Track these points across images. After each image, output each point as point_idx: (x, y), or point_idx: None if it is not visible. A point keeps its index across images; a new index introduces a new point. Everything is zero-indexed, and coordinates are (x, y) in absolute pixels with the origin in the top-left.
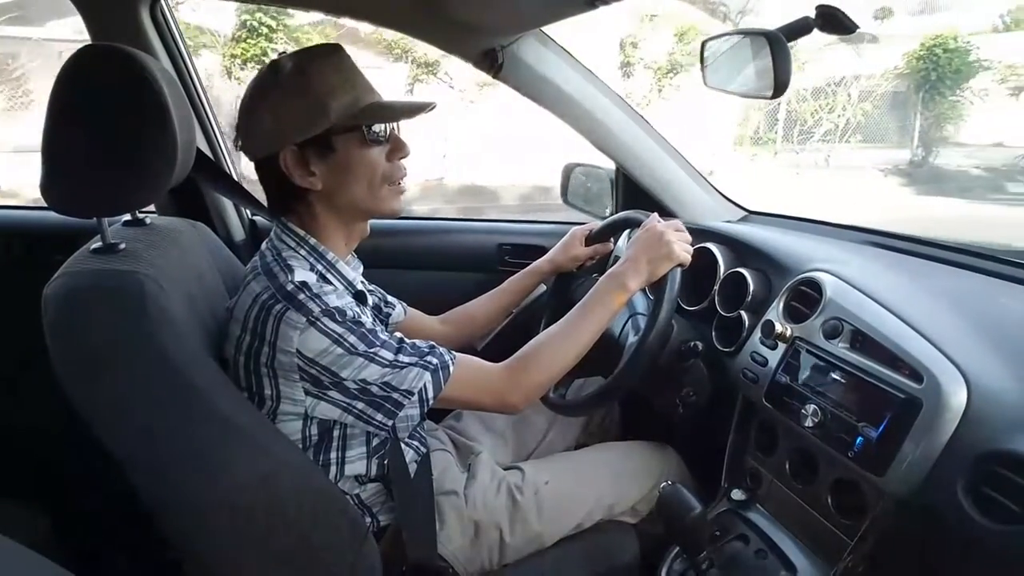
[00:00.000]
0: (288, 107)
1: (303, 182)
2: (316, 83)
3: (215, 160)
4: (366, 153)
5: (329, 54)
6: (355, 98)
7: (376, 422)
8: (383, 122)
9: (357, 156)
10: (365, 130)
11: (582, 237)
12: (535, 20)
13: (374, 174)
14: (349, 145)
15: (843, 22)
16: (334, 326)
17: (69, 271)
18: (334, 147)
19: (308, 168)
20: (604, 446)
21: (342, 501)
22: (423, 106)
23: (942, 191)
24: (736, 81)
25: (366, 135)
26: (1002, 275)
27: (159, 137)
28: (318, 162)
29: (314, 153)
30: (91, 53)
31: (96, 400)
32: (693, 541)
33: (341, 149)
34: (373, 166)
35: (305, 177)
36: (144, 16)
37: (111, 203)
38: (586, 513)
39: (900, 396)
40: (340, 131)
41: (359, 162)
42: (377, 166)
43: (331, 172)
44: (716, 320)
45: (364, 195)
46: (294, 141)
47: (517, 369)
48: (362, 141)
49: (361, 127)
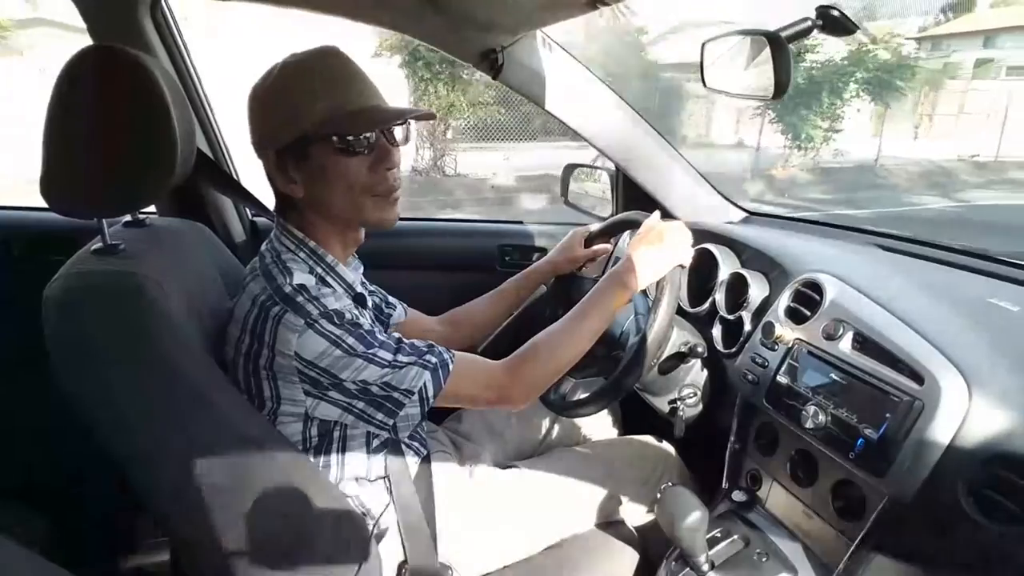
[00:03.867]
0: (268, 112)
1: (285, 188)
2: (296, 88)
3: (215, 160)
4: (343, 162)
5: (320, 59)
6: (335, 105)
7: (377, 421)
8: (357, 132)
9: (332, 164)
10: (336, 138)
11: (582, 238)
12: (535, 20)
13: (352, 184)
14: (325, 154)
15: (843, 23)
16: (332, 328)
17: (69, 272)
18: (308, 155)
19: (288, 175)
20: (604, 447)
21: (342, 502)
22: (408, 112)
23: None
24: (736, 82)
25: (339, 144)
26: (1002, 275)
27: (159, 138)
28: (296, 170)
29: (292, 160)
30: (91, 53)
31: (96, 400)
32: (693, 542)
33: (316, 157)
34: (350, 176)
35: (286, 184)
36: (144, 16)
37: (111, 204)
38: (586, 514)
39: (901, 398)
40: (316, 139)
41: (335, 171)
42: (354, 176)
43: (310, 180)
44: (717, 321)
45: (344, 205)
46: (271, 147)
47: (517, 366)
48: (338, 150)
49: (335, 136)
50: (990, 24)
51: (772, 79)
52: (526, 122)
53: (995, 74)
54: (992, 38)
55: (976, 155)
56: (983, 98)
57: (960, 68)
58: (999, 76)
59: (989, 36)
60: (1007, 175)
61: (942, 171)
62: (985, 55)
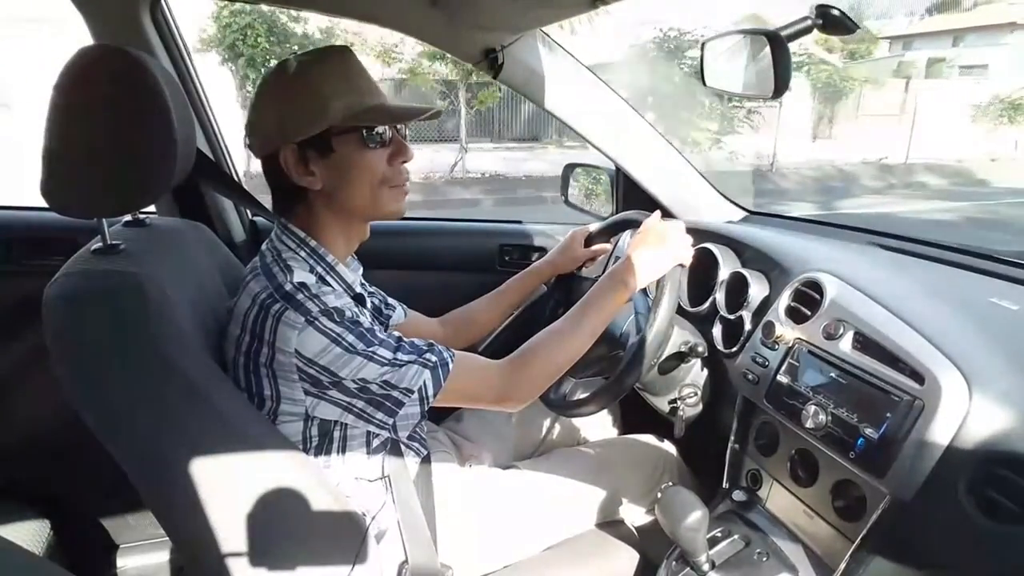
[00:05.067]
0: (290, 106)
1: (302, 181)
2: (318, 83)
3: (215, 160)
4: (365, 155)
5: (335, 56)
6: (356, 100)
7: (377, 420)
8: (382, 124)
9: (356, 157)
10: (364, 132)
11: (582, 238)
12: (535, 20)
13: (373, 176)
14: (348, 146)
15: (843, 22)
16: (332, 326)
17: (69, 272)
18: (333, 147)
19: (307, 167)
20: (604, 447)
21: (342, 502)
22: (424, 110)
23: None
24: (736, 81)
25: (365, 137)
26: (1002, 275)
27: (159, 137)
28: (317, 162)
29: (314, 153)
30: (91, 53)
31: (96, 400)
32: (693, 542)
33: (340, 150)
34: (372, 168)
35: (304, 176)
36: (144, 16)
37: (111, 204)
38: (587, 514)
39: (901, 397)
40: (339, 132)
41: (358, 163)
42: (376, 168)
43: (330, 172)
44: (717, 321)
45: (363, 197)
46: (294, 140)
47: (518, 365)
48: (361, 143)
49: (361, 129)
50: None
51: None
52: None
53: (947, 74)
54: (960, 37)
55: (884, 158)
56: (900, 98)
57: (913, 67)
58: (951, 76)
59: (958, 35)
60: (913, 178)
61: (841, 175)
62: (937, 55)
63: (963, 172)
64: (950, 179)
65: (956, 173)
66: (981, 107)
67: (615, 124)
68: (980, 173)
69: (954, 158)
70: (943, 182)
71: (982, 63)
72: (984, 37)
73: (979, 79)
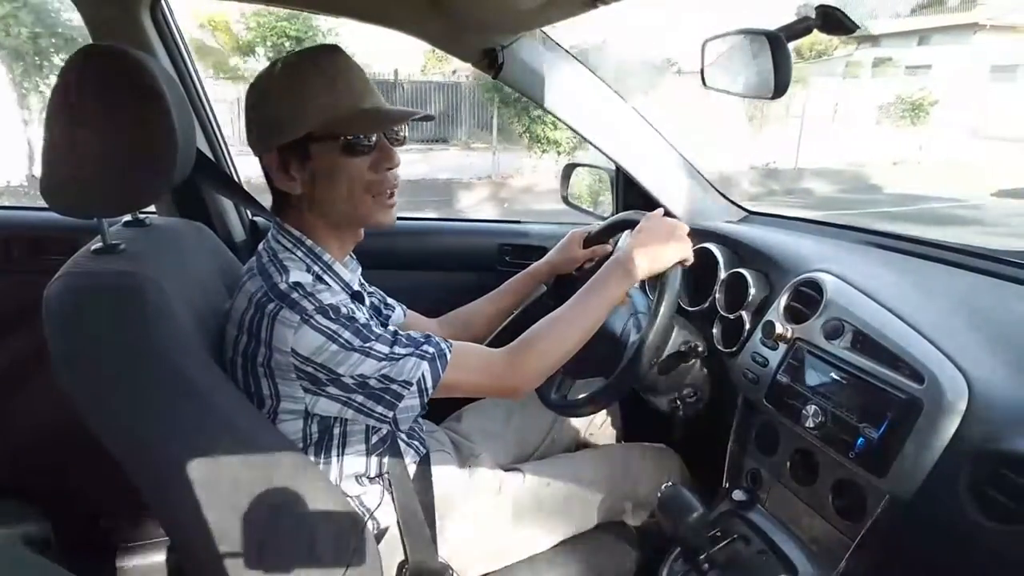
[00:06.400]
0: (269, 110)
1: (283, 186)
2: (298, 86)
3: (215, 160)
4: (345, 161)
5: (322, 56)
6: (337, 104)
7: (377, 414)
8: (361, 132)
9: (335, 164)
10: (344, 138)
11: (580, 239)
12: (535, 20)
13: (353, 183)
14: (327, 152)
15: (843, 22)
16: (328, 323)
17: (69, 272)
18: (311, 154)
19: (288, 173)
20: (605, 447)
21: (342, 502)
22: (411, 113)
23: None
24: (736, 82)
25: (344, 143)
26: (1002, 275)
27: (159, 137)
28: (298, 168)
29: (294, 158)
30: (91, 53)
31: (96, 400)
32: (694, 542)
33: (318, 156)
34: (352, 175)
35: (285, 181)
36: (144, 16)
37: (111, 204)
38: (587, 514)
39: (901, 397)
40: (318, 138)
41: (337, 170)
42: (357, 176)
43: (311, 179)
44: (717, 320)
45: (344, 205)
46: (273, 145)
47: (518, 352)
48: (340, 149)
49: (340, 135)
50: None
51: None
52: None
53: (893, 74)
54: (926, 38)
55: (771, 162)
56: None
57: (861, 67)
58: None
59: (923, 36)
60: (798, 184)
61: (721, 179)
62: (883, 54)
63: (859, 177)
64: (838, 185)
65: (851, 178)
66: (883, 108)
67: (615, 124)
68: (875, 178)
69: (856, 162)
70: (830, 188)
71: (926, 63)
72: (948, 37)
73: (923, 79)
